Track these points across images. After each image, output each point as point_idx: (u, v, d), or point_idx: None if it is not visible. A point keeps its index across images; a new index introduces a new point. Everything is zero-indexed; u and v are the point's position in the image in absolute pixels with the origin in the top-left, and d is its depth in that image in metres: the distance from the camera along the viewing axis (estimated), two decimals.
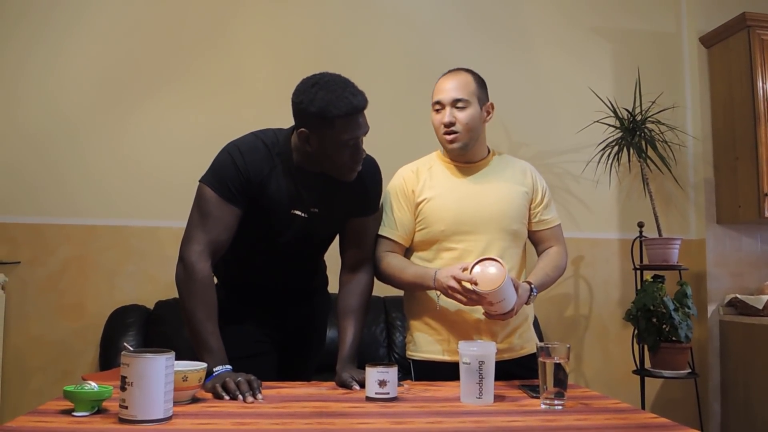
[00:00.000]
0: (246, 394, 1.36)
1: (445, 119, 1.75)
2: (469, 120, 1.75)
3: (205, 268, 1.55)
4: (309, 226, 1.66)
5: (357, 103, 1.51)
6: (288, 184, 1.61)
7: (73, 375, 2.87)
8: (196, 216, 1.59)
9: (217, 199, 1.56)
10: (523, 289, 1.65)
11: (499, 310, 1.58)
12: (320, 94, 1.50)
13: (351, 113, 1.51)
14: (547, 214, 1.87)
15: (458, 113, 1.75)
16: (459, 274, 1.59)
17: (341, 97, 1.50)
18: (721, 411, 3.36)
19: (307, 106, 1.51)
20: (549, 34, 3.54)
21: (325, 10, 3.35)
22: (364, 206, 1.75)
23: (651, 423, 1.25)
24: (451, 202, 1.77)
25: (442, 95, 1.77)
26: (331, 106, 1.49)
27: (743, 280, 3.43)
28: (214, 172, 1.59)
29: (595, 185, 3.42)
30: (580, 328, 3.43)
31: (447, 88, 1.77)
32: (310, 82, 1.54)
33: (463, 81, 1.77)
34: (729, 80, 3.40)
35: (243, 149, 1.59)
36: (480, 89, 1.79)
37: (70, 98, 3.09)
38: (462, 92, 1.75)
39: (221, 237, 1.57)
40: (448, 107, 1.75)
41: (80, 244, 3.03)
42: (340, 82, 1.53)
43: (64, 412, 1.20)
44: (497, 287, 1.51)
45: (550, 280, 1.82)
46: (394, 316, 3.05)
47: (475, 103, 1.76)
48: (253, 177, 1.58)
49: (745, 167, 3.28)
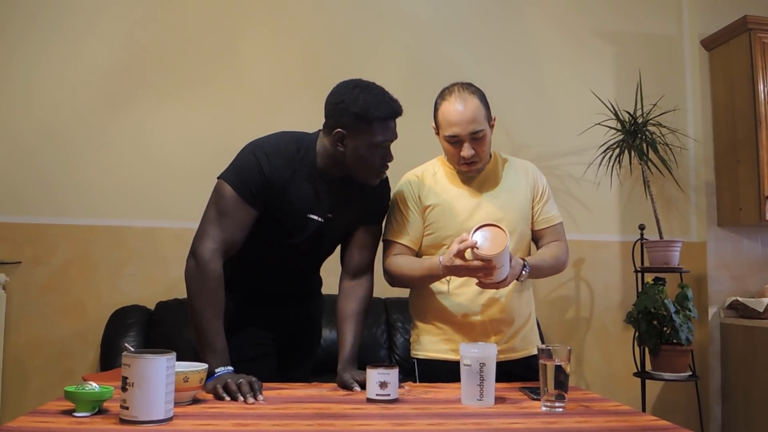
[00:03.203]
0: (247, 395, 1.36)
1: (466, 154, 1.72)
2: (487, 147, 1.76)
3: (217, 266, 1.54)
4: (322, 231, 1.67)
5: (396, 108, 1.58)
6: (308, 188, 1.62)
7: (73, 375, 2.87)
8: (212, 213, 1.58)
9: (236, 198, 1.56)
10: (516, 262, 1.63)
11: (495, 278, 1.57)
12: (363, 96, 1.54)
13: (391, 117, 1.57)
14: (548, 211, 1.87)
15: (477, 145, 1.73)
16: (459, 246, 1.56)
17: (383, 101, 1.56)
18: (721, 414, 3.36)
19: (348, 106, 1.54)
20: (551, 37, 3.55)
21: (330, 16, 3.36)
22: (374, 215, 1.78)
23: (652, 426, 1.25)
24: (458, 208, 1.77)
25: (458, 129, 1.71)
26: (373, 108, 1.53)
27: (744, 283, 3.42)
28: (237, 171, 1.58)
29: (597, 187, 3.42)
30: (581, 331, 3.43)
31: (461, 120, 1.70)
32: (350, 85, 1.58)
33: (475, 108, 1.71)
34: (730, 83, 3.41)
35: (268, 151, 1.58)
36: (486, 109, 1.76)
37: (75, 99, 3.10)
38: (477, 123, 1.71)
39: (236, 237, 1.57)
40: (466, 142, 1.72)
41: (81, 244, 3.04)
42: (378, 87, 1.60)
43: (64, 413, 1.20)
44: (502, 250, 1.51)
45: (547, 266, 1.79)
46: (395, 318, 3.05)
47: (487, 125, 1.75)
48: (276, 181, 1.58)
49: (746, 170, 3.28)
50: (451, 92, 1.75)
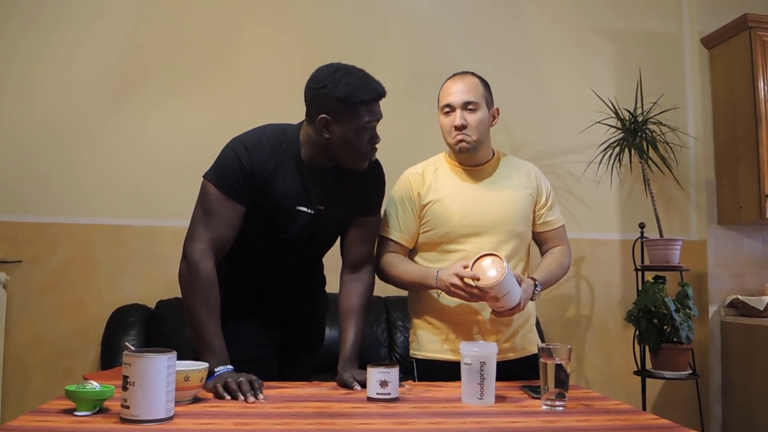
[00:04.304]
0: (247, 394, 1.36)
1: (457, 122, 1.74)
2: (479, 122, 1.76)
3: (208, 266, 1.54)
4: (314, 224, 1.65)
5: (380, 90, 1.56)
6: (294, 180, 1.61)
7: (74, 374, 2.88)
8: (199, 213, 1.58)
9: (220, 196, 1.56)
10: (527, 284, 1.66)
11: (506, 305, 1.59)
12: (345, 79, 1.52)
13: (375, 99, 1.55)
14: (551, 216, 1.88)
15: (468, 116, 1.75)
16: (461, 271, 1.59)
17: (366, 83, 1.54)
18: (722, 412, 3.36)
19: (331, 90, 1.51)
20: (551, 35, 3.54)
21: (330, 15, 3.36)
22: (368, 205, 1.75)
23: (652, 424, 1.25)
24: (457, 205, 1.77)
25: (452, 98, 1.76)
26: (357, 91, 1.51)
27: (744, 281, 3.42)
28: (218, 169, 1.58)
29: (597, 186, 3.42)
30: (581, 329, 3.43)
31: (456, 90, 1.76)
32: (331, 69, 1.55)
33: (472, 84, 1.78)
34: (730, 81, 3.40)
35: (248, 145, 1.58)
36: (487, 92, 1.80)
37: (75, 98, 3.10)
38: (472, 95, 1.75)
39: (225, 235, 1.57)
40: (458, 110, 1.75)
41: (82, 243, 3.04)
42: (359, 70, 1.57)
43: (65, 412, 1.20)
44: (498, 281, 1.52)
45: (554, 277, 1.82)
46: (396, 316, 3.05)
47: (484, 105, 1.77)
48: (257, 174, 1.57)
49: (746, 168, 3.28)
50: (455, 74, 1.82)
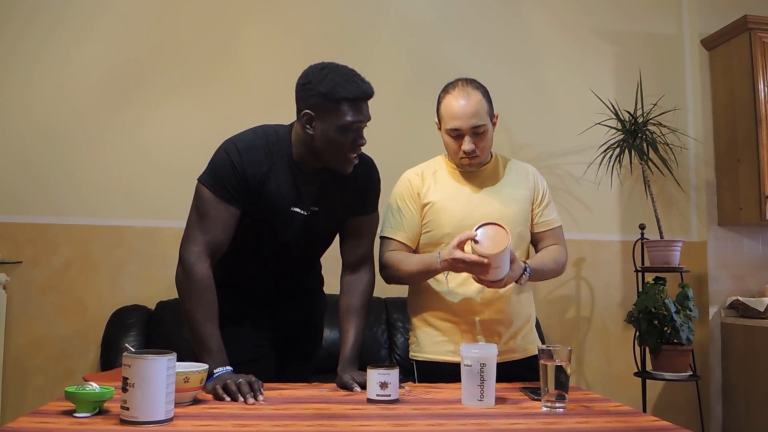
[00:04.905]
0: (247, 396, 1.36)
1: (467, 147, 1.73)
2: (488, 143, 1.77)
3: (203, 269, 1.54)
4: (309, 225, 1.65)
5: (366, 89, 1.54)
6: (287, 181, 1.60)
7: (74, 375, 2.88)
8: (194, 216, 1.58)
9: (214, 199, 1.56)
10: (517, 265, 1.64)
11: (493, 276, 1.57)
12: (330, 75, 1.51)
13: (359, 98, 1.52)
14: (548, 215, 1.88)
15: (478, 140, 1.74)
16: (462, 235, 1.58)
17: (351, 81, 1.52)
18: (722, 413, 3.36)
19: (315, 86, 1.51)
20: (551, 36, 3.54)
21: (330, 14, 3.36)
22: (364, 204, 1.75)
23: (652, 426, 1.25)
24: (457, 206, 1.77)
25: (459, 123, 1.72)
26: (339, 87, 1.50)
27: (745, 283, 3.42)
28: (211, 172, 1.58)
29: (597, 187, 3.42)
30: (581, 330, 3.43)
31: (464, 114, 1.71)
32: (319, 66, 1.55)
33: (477, 103, 1.72)
34: (730, 82, 3.40)
35: (240, 147, 1.57)
36: (489, 105, 1.77)
37: (74, 99, 3.10)
38: (479, 118, 1.72)
39: (220, 237, 1.57)
40: (467, 136, 1.73)
41: (82, 244, 3.04)
42: (349, 69, 1.56)
43: (65, 413, 1.20)
44: (502, 250, 1.51)
45: (547, 269, 1.80)
46: (396, 318, 3.05)
47: (489, 122, 1.76)
48: (250, 176, 1.56)
49: (746, 169, 3.28)
50: (455, 86, 1.76)
